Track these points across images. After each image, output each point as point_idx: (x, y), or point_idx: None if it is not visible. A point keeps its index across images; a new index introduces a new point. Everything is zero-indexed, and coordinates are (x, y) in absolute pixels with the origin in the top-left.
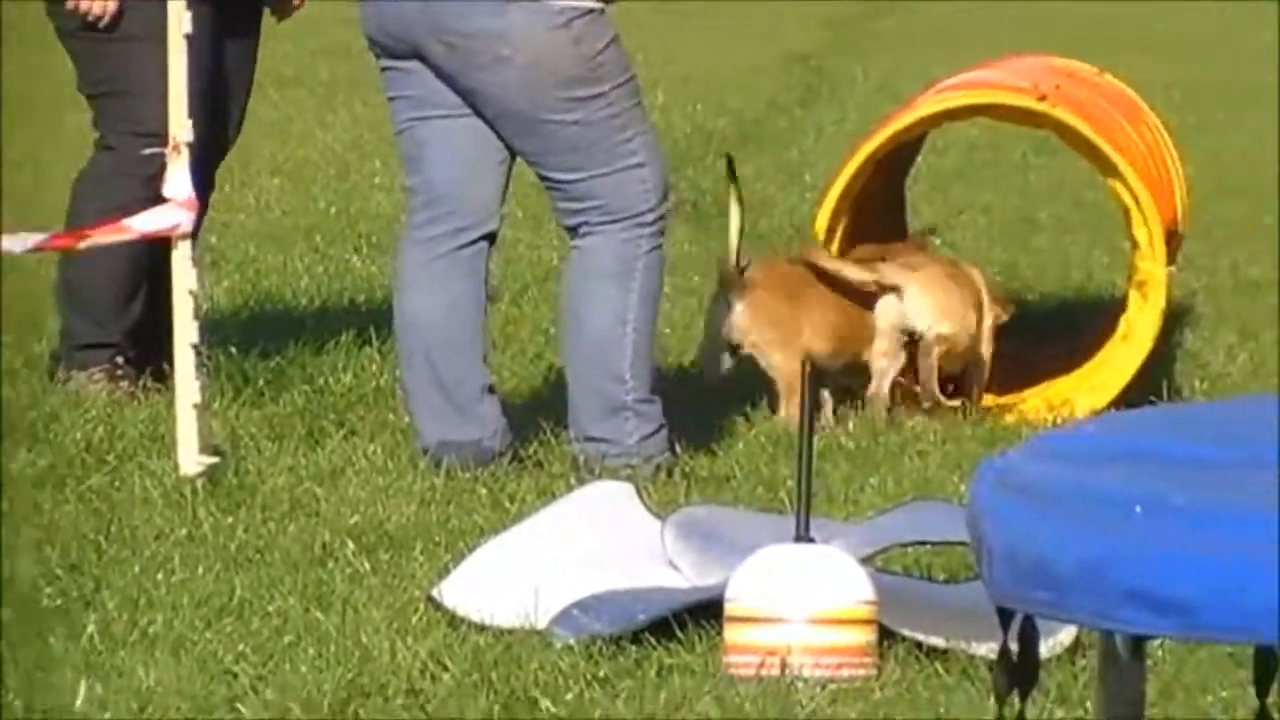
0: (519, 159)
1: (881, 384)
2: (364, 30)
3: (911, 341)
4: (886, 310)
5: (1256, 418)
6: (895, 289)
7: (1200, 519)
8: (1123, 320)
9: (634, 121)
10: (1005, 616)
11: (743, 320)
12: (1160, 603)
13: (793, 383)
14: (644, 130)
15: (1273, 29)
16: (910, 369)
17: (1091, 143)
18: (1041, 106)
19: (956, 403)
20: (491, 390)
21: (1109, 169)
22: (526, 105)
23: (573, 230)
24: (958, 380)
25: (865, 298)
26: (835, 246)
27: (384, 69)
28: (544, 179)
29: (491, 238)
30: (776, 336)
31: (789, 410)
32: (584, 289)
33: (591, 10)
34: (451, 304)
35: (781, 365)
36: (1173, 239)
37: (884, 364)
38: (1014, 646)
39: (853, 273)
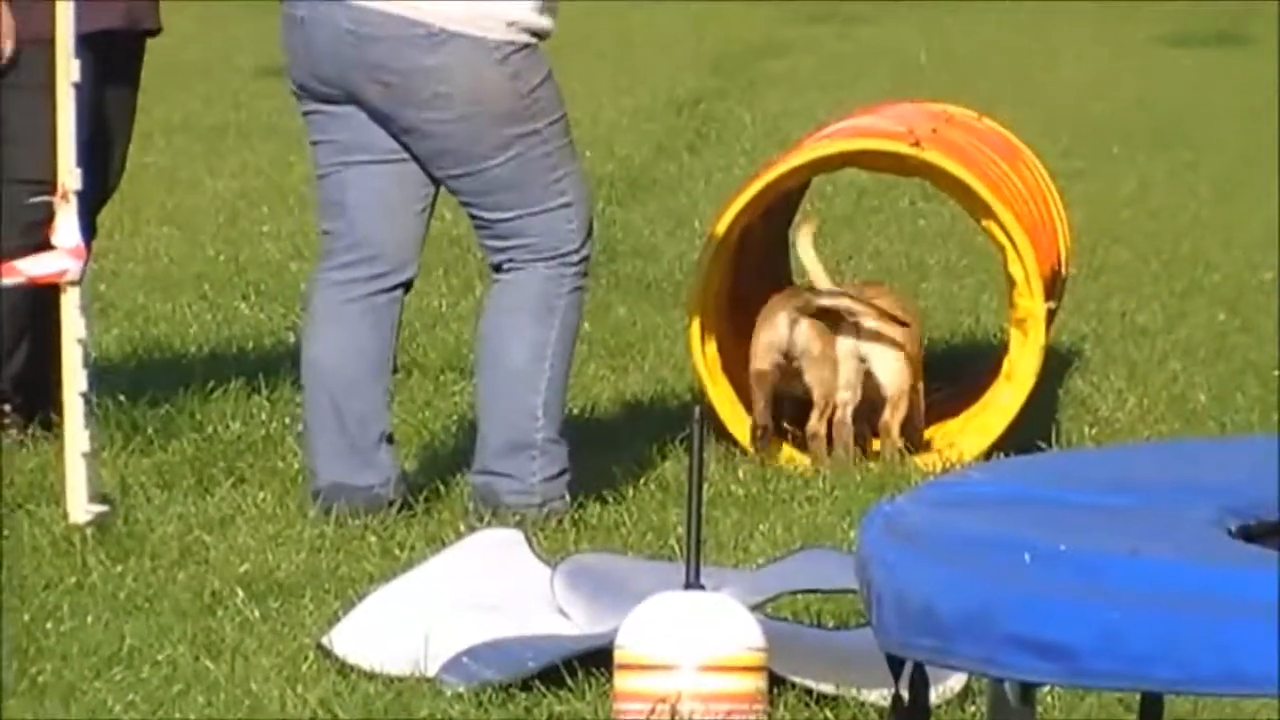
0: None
1: (846, 413)
2: (291, 76)
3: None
4: (846, 342)
5: (1144, 464)
6: (859, 320)
7: (1085, 565)
8: (1005, 360)
9: (565, 160)
10: (895, 664)
11: (804, 336)
12: (1045, 649)
13: (831, 396)
14: (573, 169)
15: (1158, 76)
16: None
17: (965, 184)
18: (912, 151)
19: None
20: (390, 440)
21: (983, 210)
22: (464, 142)
23: (496, 268)
24: (875, 420)
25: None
26: (714, 296)
27: (309, 113)
28: (473, 217)
29: (408, 286)
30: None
31: (896, 417)
32: (504, 323)
33: (528, 45)
34: (361, 349)
35: (829, 379)
36: (1056, 280)
37: (846, 395)
38: (905, 694)
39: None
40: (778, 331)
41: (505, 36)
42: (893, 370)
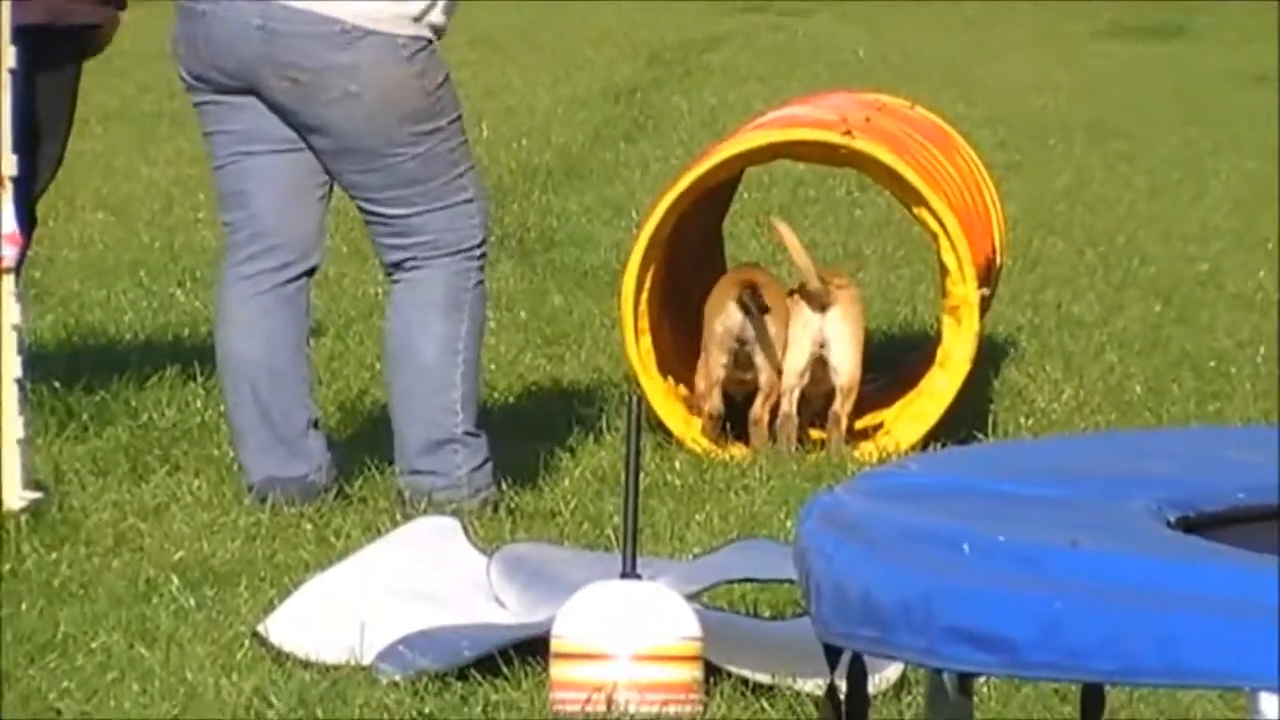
0: (339, 195)
1: (792, 404)
2: (184, 67)
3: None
4: (808, 326)
5: (1082, 455)
6: (823, 304)
7: (1025, 557)
8: (940, 348)
9: (465, 156)
10: (832, 654)
11: (831, 326)
12: (985, 640)
13: (777, 382)
14: (472, 165)
15: (1096, 69)
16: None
17: (896, 172)
18: (843, 140)
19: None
20: (316, 425)
21: (915, 197)
22: (373, 140)
23: (397, 265)
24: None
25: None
26: (648, 289)
27: (203, 103)
28: (372, 214)
29: (312, 272)
30: (858, 340)
31: (846, 406)
32: (413, 320)
33: (430, 42)
34: (275, 340)
35: (856, 367)
36: (990, 267)
37: (794, 381)
38: (842, 684)
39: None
40: (731, 317)
41: (412, 33)
42: (849, 359)
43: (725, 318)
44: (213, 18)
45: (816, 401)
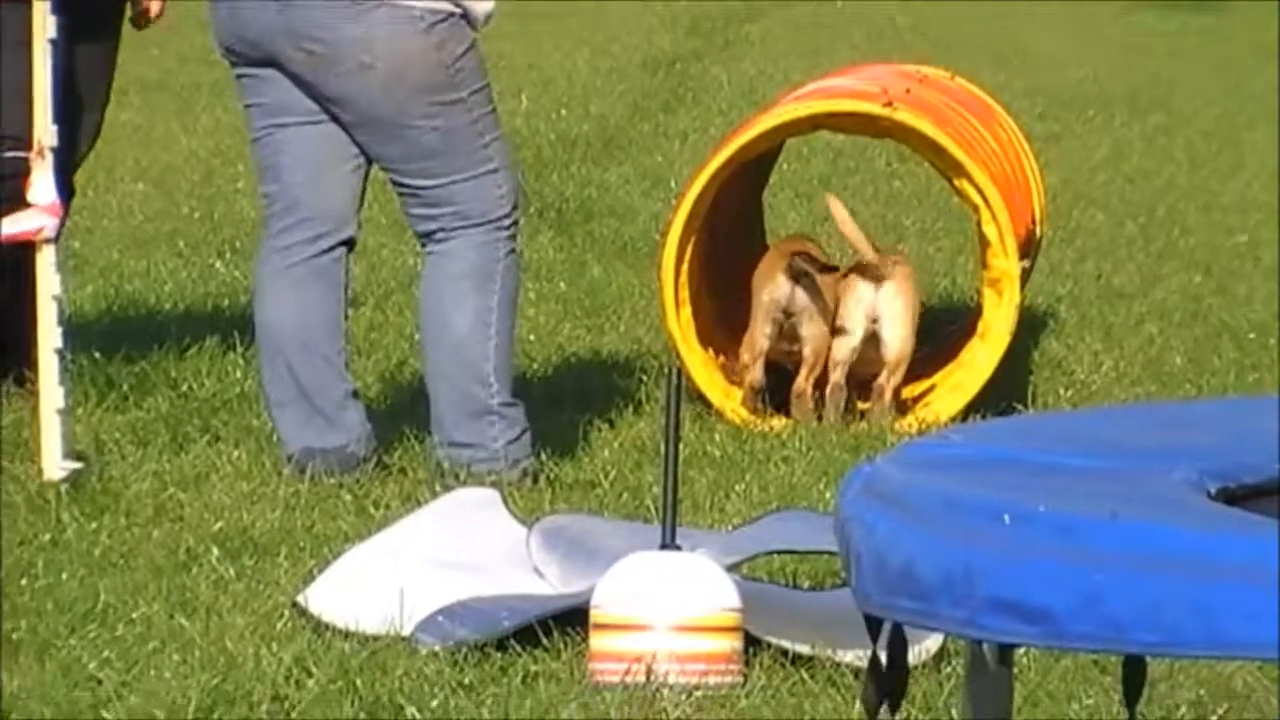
0: (374, 165)
1: (842, 375)
2: (217, 38)
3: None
4: (861, 300)
5: (1121, 426)
6: (878, 279)
7: (1065, 528)
8: (980, 320)
9: (490, 127)
10: (873, 625)
11: (885, 301)
12: (1026, 611)
13: (823, 354)
14: (499, 136)
15: (1134, 40)
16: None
17: (938, 144)
18: (884, 111)
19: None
20: (355, 396)
21: (956, 169)
22: (389, 111)
23: (427, 236)
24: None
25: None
26: (688, 261)
27: (239, 76)
28: (401, 185)
29: (350, 244)
30: (910, 314)
31: (894, 380)
32: (446, 292)
33: (452, 15)
34: (309, 312)
35: (906, 343)
36: (1030, 239)
37: (845, 355)
38: (883, 655)
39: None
40: (780, 287)
41: (431, 5)
42: (900, 335)
43: (774, 288)
44: None
45: (861, 374)
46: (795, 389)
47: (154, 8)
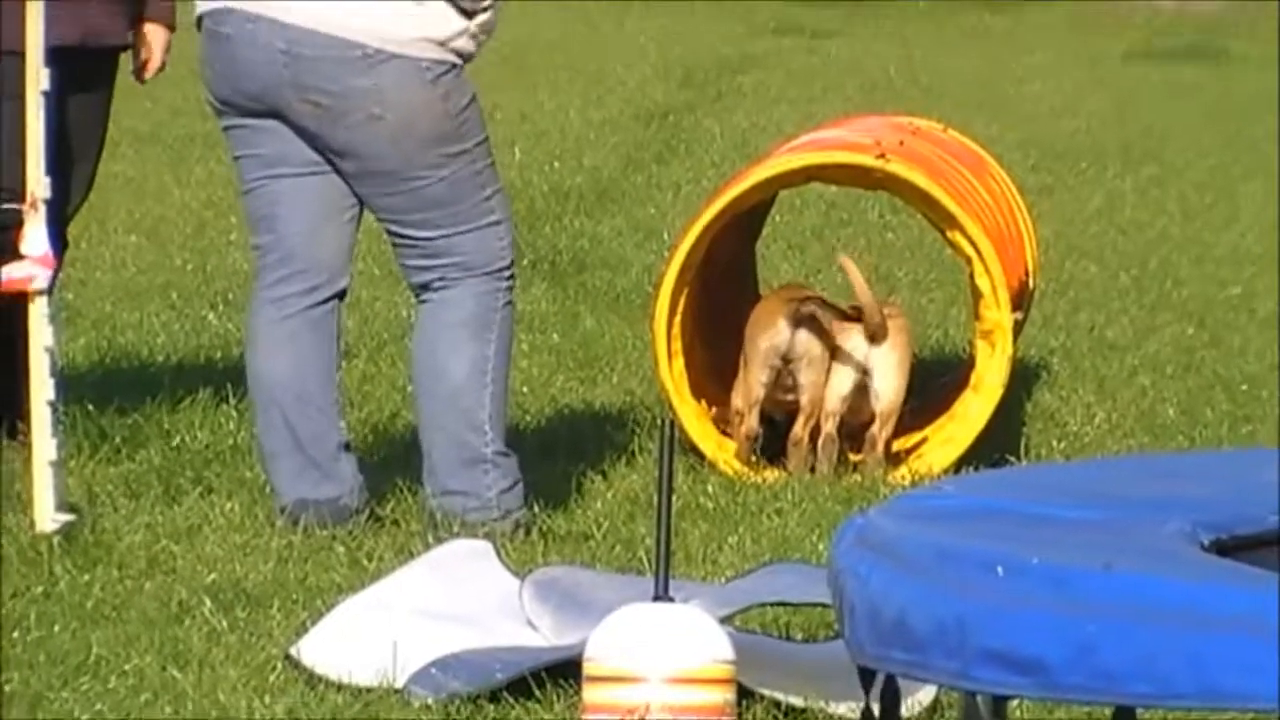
0: (370, 218)
1: (833, 427)
2: (211, 90)
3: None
4: (854, 353)
5: (1116, 477)
6: (873, 335)
7: (1059, 579)
8: (973, 372)
9: (492, 179)
10: (867, 676)
11: (878, 355)
12: (1019, 662)
13: (820, 403)
14: (500, 188)
15: (1128, 91)
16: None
17: (931, 196)
18: (877, 163)
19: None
20: (348, 448)
21: (949, 221)
22: (396, 163)
23: (424, 286)
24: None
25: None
26: (681, 313)
27: (230, 128)
28: (401, 236)
29: (342, 295)
30: (904, 367)
31: (885, 431)
32: (442, 339)
33: (455, 66)
34: (305, 362)
35: (898, 395)
36: (1023, 291)
37: (836, 406)
38: (876, 707)
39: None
40: (780, 334)
41: (436, 56)
42: (892, 387)
43: (773, 333)
44: (237, 41)
45: (853, 425)
46: (792, 437)
47: (154, 61)
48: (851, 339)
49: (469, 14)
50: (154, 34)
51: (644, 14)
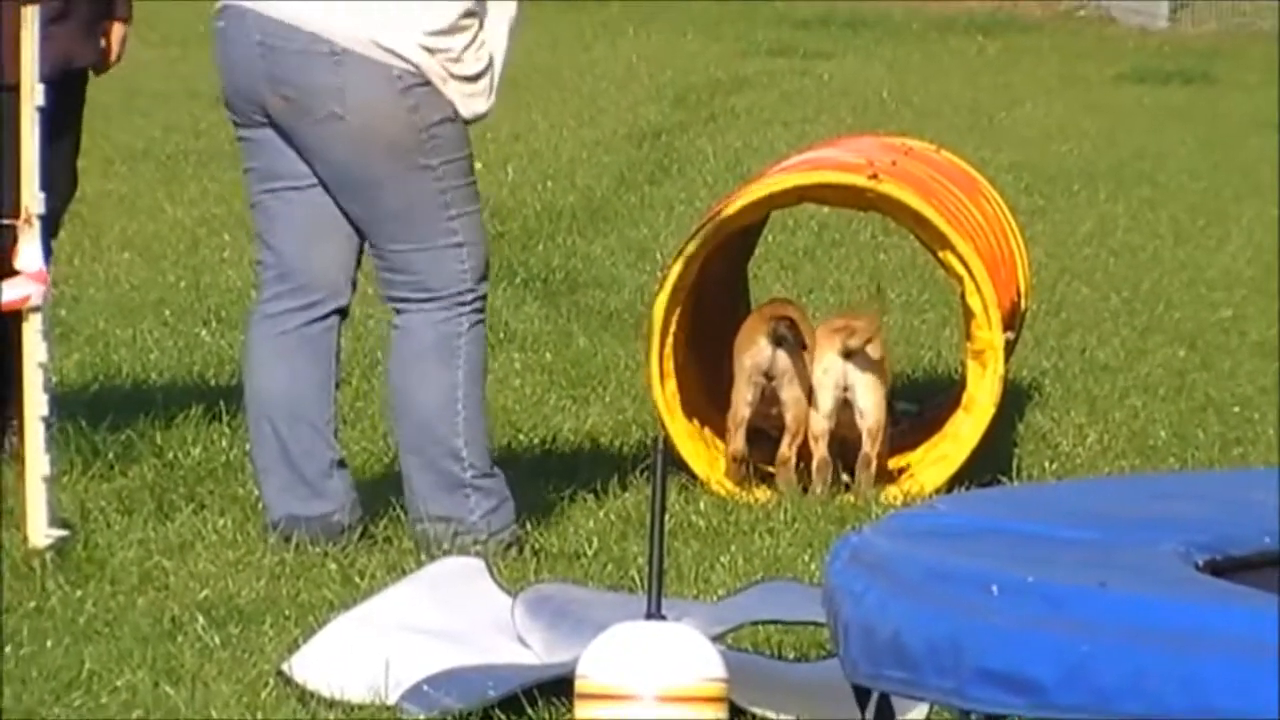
0: None
1: (823, 446)
2: (222, 93)
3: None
4: (831, 369)
5: (1110, 498)
6: (847, 351)
7: (1053, 599)
8: (965, 392)
9: (459, 201)
10: (861, 695)
11: (854, 369)
12: (1013, 681)
13: (804, 420)
14: (470, 211)
15: (1120, 114)
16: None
17: (922, 216)
18: (869, 184)
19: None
20: (341, 465)
21: (941, 241)
22: (354, 165)
23: (392, 302)
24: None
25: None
26: (674, 332)
27: (239, 139)
28: (371, 247)
29: (343, 313)
30: (882, 380)
31: (876, 448)
32: (411, 370)
33: (430, 82)
34: (298, 379)
35: (881, 408)
36: (1015, 312)
37: (824, 425)
38: None
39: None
40: (761, 352)
41: (407, 65)
42: (873, 401)
43: (755, 351)
44: (229, 36)
45: (842, 445)
46: (780, 457)
47: (112, 54)
48: (824, 357)
49: (456, 78)
50: (114, 30)
51: (637, 35)
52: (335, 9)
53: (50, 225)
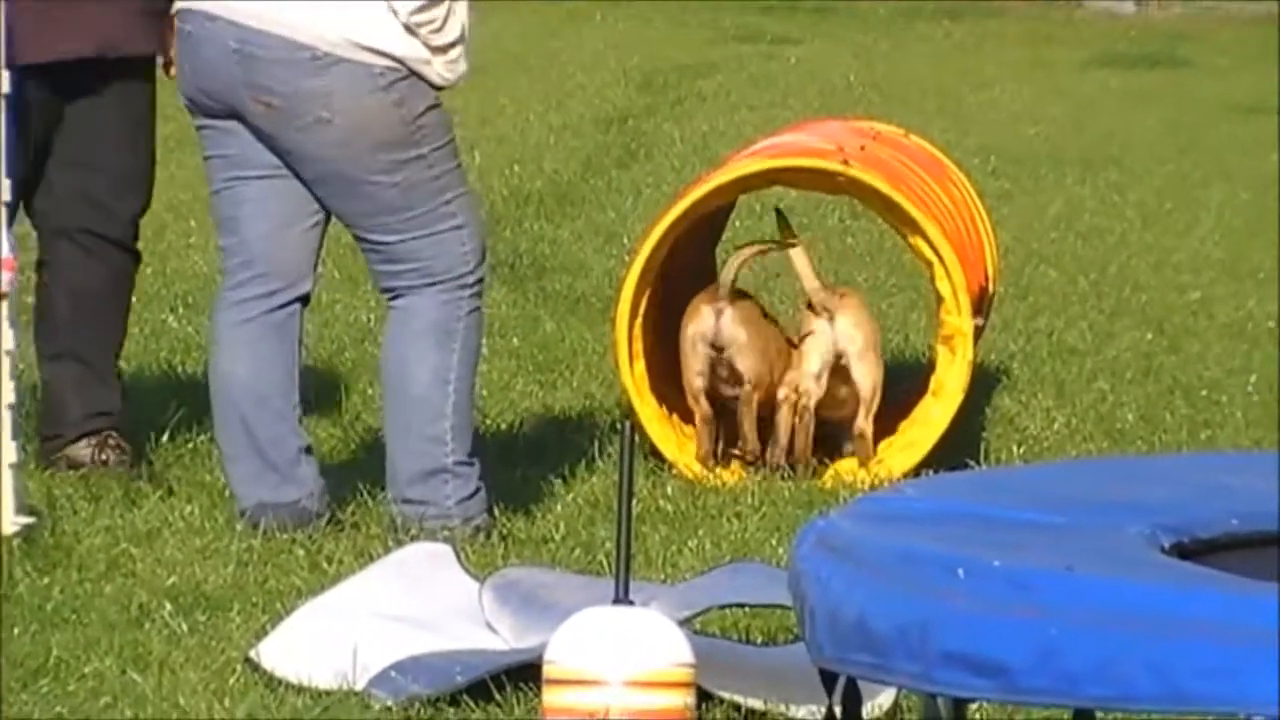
0: (333, 221)
1: (810, 403)
2: (180, 90)
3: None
4: (820, 337)
5: (1077, 481)
6: (829, 313)
7: (1020, 582)
8: (933, 377)
9: (453, 184)
10: (828, 679)
11: (844, 335)
12: (980, 665)
13: (877, 392)
14: (463, 192)
15: (1087, 98)
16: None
17: (892, 201)
18: (839, 168)
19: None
20: (308, 451)
21: (910, 225)
22: (347, 167)
23: (390, 292)
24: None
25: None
26: (642, 316)
27: (200, 128)
28: (362, 240)
29: (305, 300)
30: (873, 344)
31: (868, 422)
32: (406, 349)
33: (411, 73)
34: (263, 366)
35: (876, 374)
36: (983, 296)
37: (811, 386)
38: (838, 710)
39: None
40: (704, 321)
41: (388, 63)
42: (868, 369)
43: (698, 321)
44: (197, 39)
45: (830, 417)
46: (742, 438)
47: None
48: (813, 325)
49: (437, 50)
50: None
51: (604, 20)
52: (312, 12)
53: (132, 234)
